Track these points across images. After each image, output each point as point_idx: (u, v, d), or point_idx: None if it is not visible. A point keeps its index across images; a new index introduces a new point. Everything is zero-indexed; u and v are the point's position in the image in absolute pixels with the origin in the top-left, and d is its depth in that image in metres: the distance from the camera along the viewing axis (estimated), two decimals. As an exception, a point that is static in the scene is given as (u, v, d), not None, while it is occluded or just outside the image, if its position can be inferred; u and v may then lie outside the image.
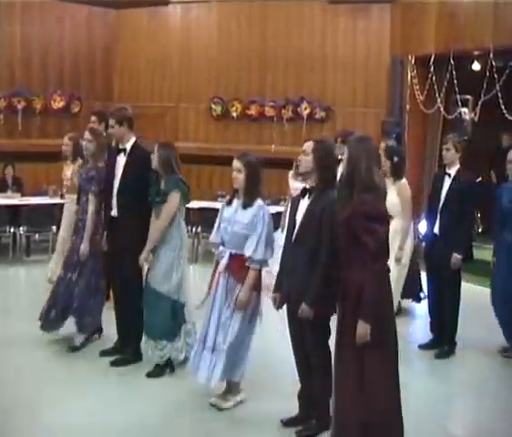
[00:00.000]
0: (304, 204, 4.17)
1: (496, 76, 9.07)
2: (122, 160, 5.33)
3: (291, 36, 11.54)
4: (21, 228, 9.30)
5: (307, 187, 4.21)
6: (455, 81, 9.67)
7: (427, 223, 6.16)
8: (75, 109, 11.63)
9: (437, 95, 10.00)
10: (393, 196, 5.65)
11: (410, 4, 10.57)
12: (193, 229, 9.62)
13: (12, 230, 9.26)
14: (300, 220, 4.16)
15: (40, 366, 5.33)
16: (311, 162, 4.12)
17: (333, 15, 11.45)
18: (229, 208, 4.51)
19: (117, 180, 5.32)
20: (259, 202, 4.40)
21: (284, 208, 8.05)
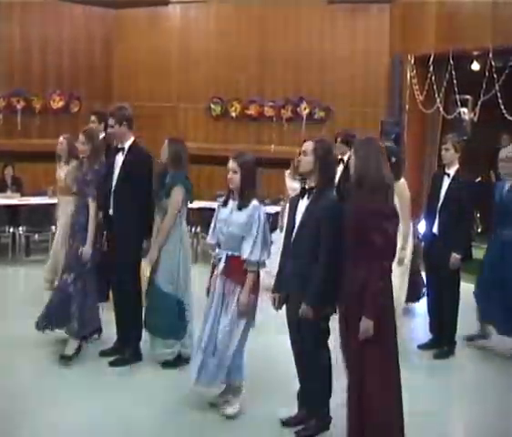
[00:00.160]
0: (303, 204, 4.17)
1: (495, 76, 9.08)
2: (120, 159, 5.34)
3: (290, 36, 11.52)
4: (20, 228, 9.30)
5: (306, 187, 4.21)
6: (454, 81, 9.67)
7: (426, 223, 6.17)
8: (74, 109, 11.64)
9: (437, 95, 9.99)
10: (392, 196, 5.66)
11: (410, 3, 10.56)
12: (193, 229, 9.60)
13: (11, 230, 9.26)
14: (299, 220, 4.16)
15: (40, 366, 5.33)
16: (310, 162, 4.12)
17: (333, 15, 11.43)
18: (224, 209, 4.48)
19: (114, 179, 5.33)
20: (254, 203, 4.36)
21: (281, 208, 8.03)
